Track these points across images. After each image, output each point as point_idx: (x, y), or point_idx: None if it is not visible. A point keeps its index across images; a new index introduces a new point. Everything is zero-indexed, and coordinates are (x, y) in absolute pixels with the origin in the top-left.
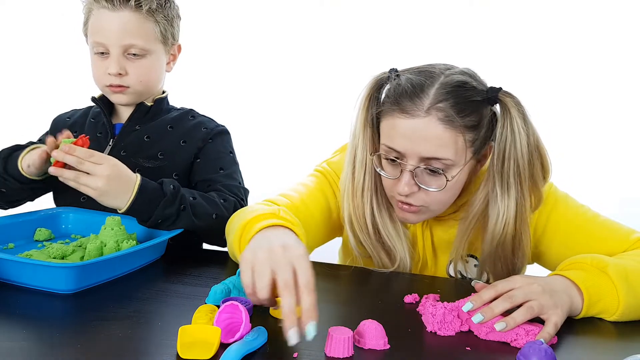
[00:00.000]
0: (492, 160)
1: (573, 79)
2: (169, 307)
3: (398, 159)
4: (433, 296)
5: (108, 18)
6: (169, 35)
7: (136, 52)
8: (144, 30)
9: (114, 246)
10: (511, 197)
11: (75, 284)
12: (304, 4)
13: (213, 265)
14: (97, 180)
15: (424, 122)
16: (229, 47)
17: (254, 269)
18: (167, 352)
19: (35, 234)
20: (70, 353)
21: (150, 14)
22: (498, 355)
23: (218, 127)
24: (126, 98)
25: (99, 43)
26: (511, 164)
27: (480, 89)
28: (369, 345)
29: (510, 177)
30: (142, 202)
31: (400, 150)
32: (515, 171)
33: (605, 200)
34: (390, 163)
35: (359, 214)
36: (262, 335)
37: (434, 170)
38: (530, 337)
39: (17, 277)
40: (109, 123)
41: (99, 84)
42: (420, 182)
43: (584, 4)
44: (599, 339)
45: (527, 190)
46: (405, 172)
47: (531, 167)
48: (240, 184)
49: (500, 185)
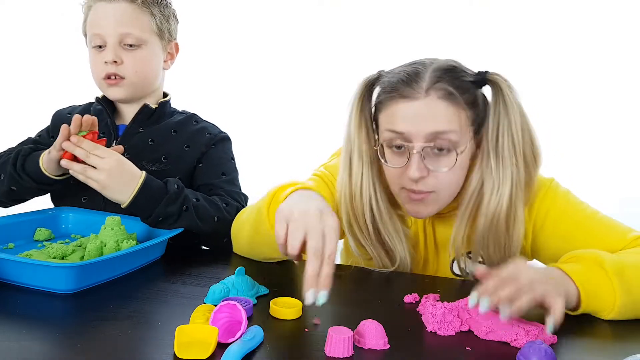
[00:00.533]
0: (486, 139)
1: (573, 79)
2: (168, 307)
3: (404, 144)
4: (433, 296)
5: (105, 9)
6: (165, 30)
7: (132, 43)
8: (139, 21)
9: (113, 246)
10: (506, 168)
11: (75, 284)
12: (303, 7)
13: (213, 265)
14: (100, 173)
15: (425, 102)
16: (229, 50)
17: (289, 225)
18: (166, 352)
19: (35, 234)
20: (70, 353)
21: (145, 5)
22: (498, 355)
23: (221, 134)
24: (122, 91)
25: (96, 34)
26: (505, 138)
27: (469, 72)
28: (369, 345)
29: (505, 151)
30: (144, 198)
31: (405, 132)
32: (510, 145)
33: (605, 200)
34: (396, 152)
35: (358, 217)
36: (259, 335)
37: (442, 149)
38: (530, 337)
39: (17, 277)
40: (112, 124)
41: (97, 78)
42: (429, 164)
43: (585, 4)
44: (598, 339)
45: (522, 166)
46: (414, 156)
47: (524, 143)
48: (240, 190)
49: (495, 160)
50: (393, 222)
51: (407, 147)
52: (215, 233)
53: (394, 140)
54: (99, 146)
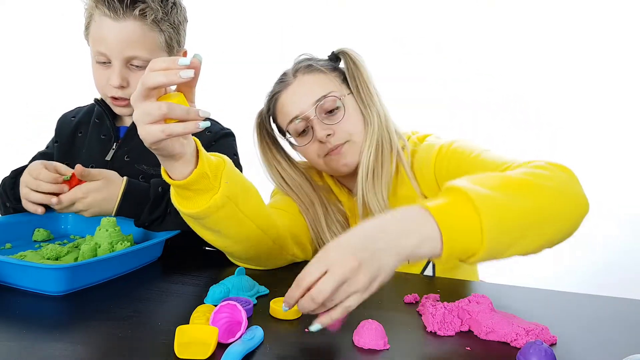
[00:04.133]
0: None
1: (573, 80)
2: (168, 307)
3: (305, 127)
4: (433, 296)
5: (110, 27)
6: (174, 44)
7: (139, 64)
8: (147, 41)
9: (107, 247)
10: (375, 104)
11: (65, 285)
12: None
13: (213, 265)
14: (79, 205)
15: (296, 83)
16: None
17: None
18: (166, 352)
19: (34, 234)
20: (70, 353)
21: (155, 23)
22: (498, 355)
23: (223, 130)
24: (129, 110)
25: (100, 53)
26: (364, 86)
27: (321, 57)
28: (369, 346)
29: (368, 95)
30: (128, 207)
31: (299, 113)
32: (367, 90)
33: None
34: (301, 135)
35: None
36: (259, 335)
37: (332, 110)
38: (530, 337)
39: (8, 279)
40: (112, 126)
41: (101, 93)
42: (331, 124)
43: (585, 7)
44: (598, 339)
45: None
46: (315, 135)
47: None
48: None
49: (363, 105)
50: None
51: (308, 125)
52: None
53: (295, 125)
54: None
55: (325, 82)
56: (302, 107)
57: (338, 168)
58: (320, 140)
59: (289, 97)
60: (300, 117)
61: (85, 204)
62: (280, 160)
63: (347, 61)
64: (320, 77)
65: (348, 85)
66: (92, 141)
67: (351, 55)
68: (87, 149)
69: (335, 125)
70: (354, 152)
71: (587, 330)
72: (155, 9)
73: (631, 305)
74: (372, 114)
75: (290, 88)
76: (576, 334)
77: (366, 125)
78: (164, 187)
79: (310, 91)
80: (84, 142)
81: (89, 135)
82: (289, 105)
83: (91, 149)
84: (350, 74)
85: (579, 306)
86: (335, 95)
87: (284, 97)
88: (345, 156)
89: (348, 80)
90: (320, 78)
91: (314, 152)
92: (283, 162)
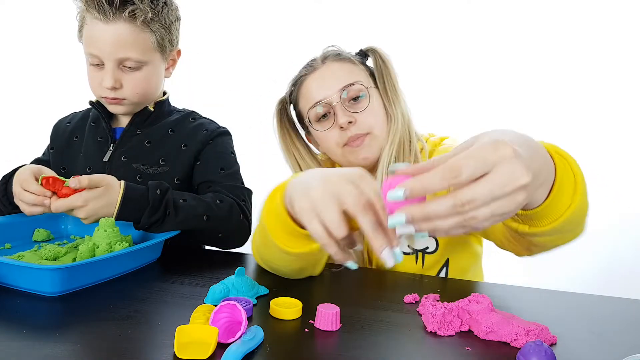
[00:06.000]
0: (381, 86)
1: (573, 80)
2: (168, 307)
3: (326, 111)
4: (433, 296)
5: (101, 30)
6: (167, 43)
7: (131, 65)
8: (139, 42)
9: (105, 248)
10: (400, 102)
11: (61, 286)
12: (307, 6)
13: (213, 265)
14: (78, 213)
15: (324, 68)
16: (230, 44)
17: (316, 210)
18: (166, 352)
19: (34, 235)
20: (69, 353)
21: (145, 24)
22: (498, 355)
23: (219, 129)
24: (123, 109)
25: (93, 55)
26: (391, 85)
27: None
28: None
29: (394, 93)
30: (128, 212)
31: (322, 98)
32: (394, 89)
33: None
34: (322, 121)
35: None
36: (259, 335)
37: (356, 97)
38: (530, 337)
39: (6, 279)
40: (108, 128)
41: (95, 94)
42: (354, 112)
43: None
44: (599, 338)
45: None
46: (336, 106)
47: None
48: (243, 184)
49: (388, 102)
50: None
51: (330, 111)
52: (205, 231)
53: (317, 110)
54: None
55: (353, 71)
56: (326, 92)
57: (357, 161)
58: (341, 126)
59: (315, 81)
60: (323, 101)
61: (85, 212)
62: (299, 147)
63: (376, 58)
64: (349, 66)
65: (374, 81)
66: (89, 144)
67: (381, 53)
68: (84, 153)
69: (358, 113)
70: (375, 146)
71: (587, 330)
72: (144, 10)
73: (631, 305)
74: (396, 111)
75: (317, 72)
76: (576, 334)
77: (389, 122)
78: (162, 189)
79: (337, 78)
80: (81, 147)
81: (85, 139)
82: (313, 89)
83: (88, 152)
84: (378, 71)
85: (579, 306)
86: (362, 84)
87: (310, 81)
88: (366, 149)
89: (376, 76)
90: (349, 67)
91: (333, 139)
92: (302, 149)
